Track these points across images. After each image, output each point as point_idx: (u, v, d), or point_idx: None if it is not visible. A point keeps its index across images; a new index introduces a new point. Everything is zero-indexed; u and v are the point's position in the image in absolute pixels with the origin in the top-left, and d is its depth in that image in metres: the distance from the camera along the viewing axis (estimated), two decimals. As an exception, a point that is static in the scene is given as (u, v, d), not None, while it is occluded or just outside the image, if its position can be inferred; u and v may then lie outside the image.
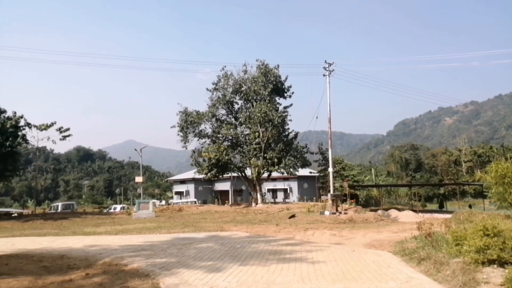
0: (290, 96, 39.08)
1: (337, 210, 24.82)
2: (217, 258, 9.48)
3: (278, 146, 36.29)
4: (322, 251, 10.19)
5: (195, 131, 38.57)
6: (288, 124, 38.31)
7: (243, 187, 51.26)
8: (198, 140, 39.16)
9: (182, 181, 61.64)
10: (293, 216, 23.64)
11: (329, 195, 26.37)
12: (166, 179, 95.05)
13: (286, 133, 38.54)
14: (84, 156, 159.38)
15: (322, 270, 7.88)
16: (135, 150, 43.76)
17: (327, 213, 24.05)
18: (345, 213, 24.10)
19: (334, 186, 32.14)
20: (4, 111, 30.59)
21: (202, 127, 38.78)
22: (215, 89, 38.97)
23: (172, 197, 66.96)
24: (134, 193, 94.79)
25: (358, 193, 49.96)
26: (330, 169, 30.97)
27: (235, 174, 42.76)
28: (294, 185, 53.67)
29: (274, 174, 39.51)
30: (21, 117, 31.00)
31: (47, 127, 33.80)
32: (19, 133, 30.75)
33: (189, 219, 24.61)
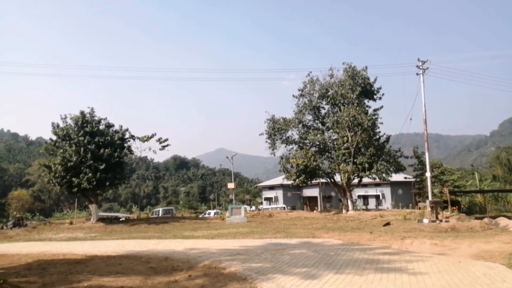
0: (380, 98, 37.55)
1: (437, 217, 23.03)
2: (312, 265, 9.41)
3: (369, 150, 34.98)
4: (423, 262, 9.55)
5: (282, 137, 38.95)
6: (379, 128, 36.81)
7: (333, 193, 50.30)
8: (285, 146, 39.49)
9: (271, 187, 62.49)
10: (387, 223, 22.53)
11: (427, 201, 24.60)
12: (255, 185, 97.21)
13: (377, 136, 37.00)
14: (180, 164, 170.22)
15: (425, 282, 7.38)
16: (227, 157, 45.57)
17: (425, 221, 22.46)
18: (446, 221, 22.27)
19: (432, 192, 29.96)
20: (112, 125, 34.04)
21: (289, 133, 39.04)
22: (301, 95, 38.99)
23: (261, 203, 68.23)
24: (226, 199, 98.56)
25: (459, 200, 45.90)
26: (428, 174, 28.91)
27: (323, 180, 42.16)
28: (387, 191, 51.20)
29: (365, 180, 38.12)
30: (126, 130, 34.21)
31: (148, 138, 36.81)
32: (125, 145, 33.94)
33: (279, 225, 24.84)
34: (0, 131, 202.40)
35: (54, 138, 32.55)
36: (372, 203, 52.70)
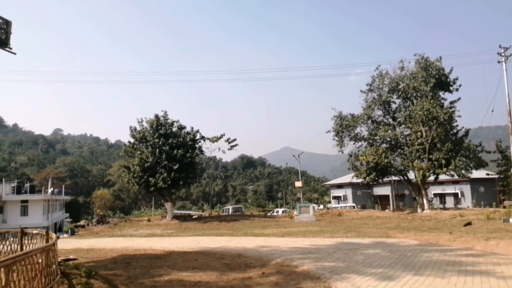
0: (457, 90, 35.08)
1: (526, 217, 21.06)
2: (387, 265, 9.07)
3: (446, 145, 32.85)
4: (514, 265, 8.77)
5: (350, 134, 37.94)
6: (456, 121, 34.39)
7: (406, 192, 48.04)
8: (354, 143, 38.40)
9: (339, 186, 61.29)
10: (469, 223, 21.04)
11: (514, 200, 22.58)
12: (322, 184, 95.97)
13: (455, 130, 34.64)
14: (247, 163, 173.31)
15: (518, 287, 6.78)
16: (293, 156, 45.50)
17: (513, 221, 20.64)
18: (538, 222, 20.27)
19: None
20: (184, 127, 35.65)
21: (357, 130, 37.90)
22: (369, 90, 37.70)
23: (329, 202, 67.21)
24: (293, 197, 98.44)
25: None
26: (514, 170, 26.53)
27: (396, 178, 40.42)
28: (466, 188, 47.70)
29: (442, 177, 35.87)
30: (197, 131, 35.65)
31: (217, 139, 38.00)
32: (196, 145, 35.36)
33: (350, 224, 24.29)
34: (84, 135, 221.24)
35: (132, 140, 34.82)
36: (450, 201, 49.45)
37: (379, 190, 54.65)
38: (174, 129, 34.91)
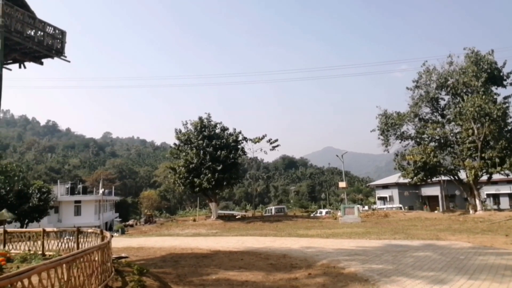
0: (511, 84, 33.18)
1: None
2: (439, 268, 8.73)
3: (500, 143, 31.06)
4: None
5: (396, 133, 36.83)
6: (511, 117, 32.51)
7: (457, 192, 45.82)
8: (400, 142, 37.25)
9: (385, 186, 59.60)
10: (527, 226, 19.76)
11: None
12: (367, 184, 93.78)
13: (509, 127, 32.72)
14: (288, 164, 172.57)
15: None
16: (337, 156, 44.80)
17: None
18: None
19: None
20: (227, 129, 36.14)
21: (404, 128, 36.73)
22: (416, 86, 36.39)
23: (374, 203, 65.53)
24: (336, 198, 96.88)
25: None
26: None
27: (445, 178, 38.73)
28: (523, 188, 44.85)
29: (496, 176, 33.94)
30: (240, 132, 36.02)
31: (259, 140, 38.16)
32: (239, 146, 35.73)
33: (397, 226, 23.57)
34: (131, 138, 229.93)
35: (177, 142, 35.76)
36: (505, 202, 46.65)
37: (428, 191, 52.57)
38: (217, 131, 35.48)
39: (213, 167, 32.39)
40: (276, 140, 38.86)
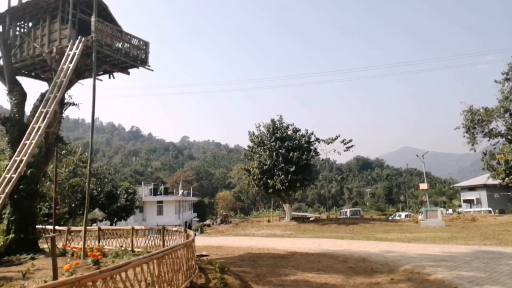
0: None
1: None
2: (542, 279, 7.89)
3: None
4: None
5: (484, 130, 33.94)
6: None
7: (558, 195, 41.11)
8: (488, 140, 34.26)
9: (471, 188, 55.26)
10: None
11: None
12: (450, 186, 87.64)
13: None
14: (363, 165, 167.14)
15: None
16: (417, 156, 42.52)
17: None
18: None
19: None
20: (299, 130, 36.03)
21: (492, 125, 33.72)
22: (506, 79, 33.24)
23: (459, 206, 61.02)
24: (415, 201, 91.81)
25: None
26: None
27: (543, 179, 34.81)
28: None
29: None
30: (312, 133, 35.70)
31: (332, 140, 37.53)
32: (311, 148, 35.42)
33: (487, 230, 21.67)
34: (207, 141, 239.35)
35: (251, 145, 36.47)
36: None
37: (522, 193, 47.73)
38: (289, 132, 35.53)
39: (286, 168, 32.48)
40: (350, 141, 37.98)
